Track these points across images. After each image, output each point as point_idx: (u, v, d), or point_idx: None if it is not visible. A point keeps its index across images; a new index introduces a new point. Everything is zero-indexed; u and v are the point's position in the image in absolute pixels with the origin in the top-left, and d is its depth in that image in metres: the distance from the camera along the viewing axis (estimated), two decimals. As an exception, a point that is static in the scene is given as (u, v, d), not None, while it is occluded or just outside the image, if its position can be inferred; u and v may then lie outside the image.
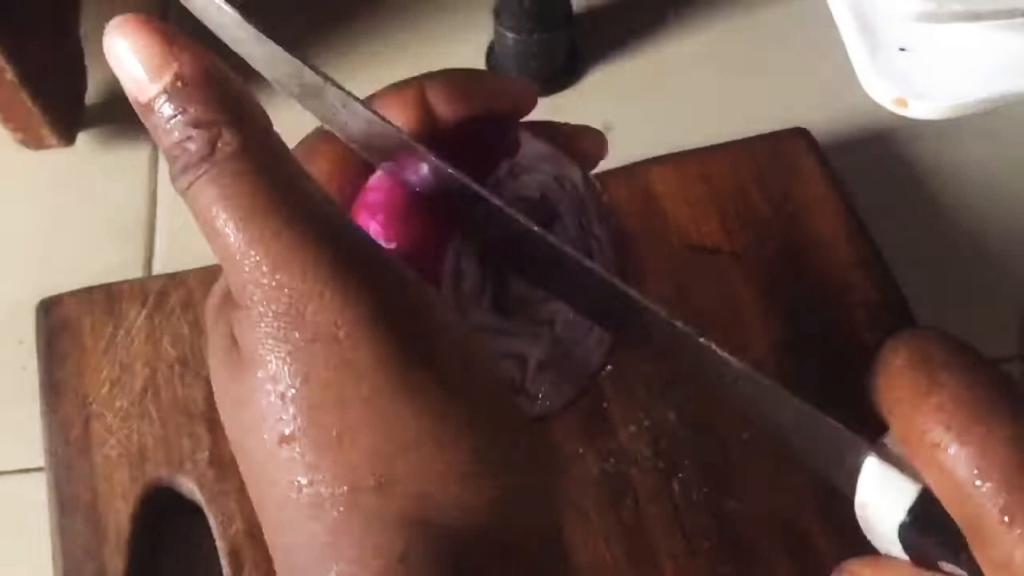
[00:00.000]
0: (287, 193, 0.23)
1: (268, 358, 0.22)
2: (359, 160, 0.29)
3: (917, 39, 0.52)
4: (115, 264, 0.50)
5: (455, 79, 0.29)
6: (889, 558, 0.27)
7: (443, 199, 0.28)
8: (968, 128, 0.52)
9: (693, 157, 0.48)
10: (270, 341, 0.22)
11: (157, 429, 0.42)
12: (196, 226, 0.56)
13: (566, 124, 0.32)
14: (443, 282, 0.28)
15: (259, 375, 0.23)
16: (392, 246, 0.27)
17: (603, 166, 0.49)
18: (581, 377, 0.31)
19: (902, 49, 0.52)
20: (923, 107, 0.51)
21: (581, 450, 0.41)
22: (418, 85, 0.30)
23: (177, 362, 0.43)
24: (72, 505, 0.41)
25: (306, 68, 0.26)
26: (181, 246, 0.50)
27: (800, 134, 0.49)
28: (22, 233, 0.52)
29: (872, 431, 0.28)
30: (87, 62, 0.53)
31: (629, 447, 0.41)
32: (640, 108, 0.54)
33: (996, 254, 0.49)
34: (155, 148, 0.54)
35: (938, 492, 0.24)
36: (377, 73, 0.56)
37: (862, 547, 0.38)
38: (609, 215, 0.32)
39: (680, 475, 0.40)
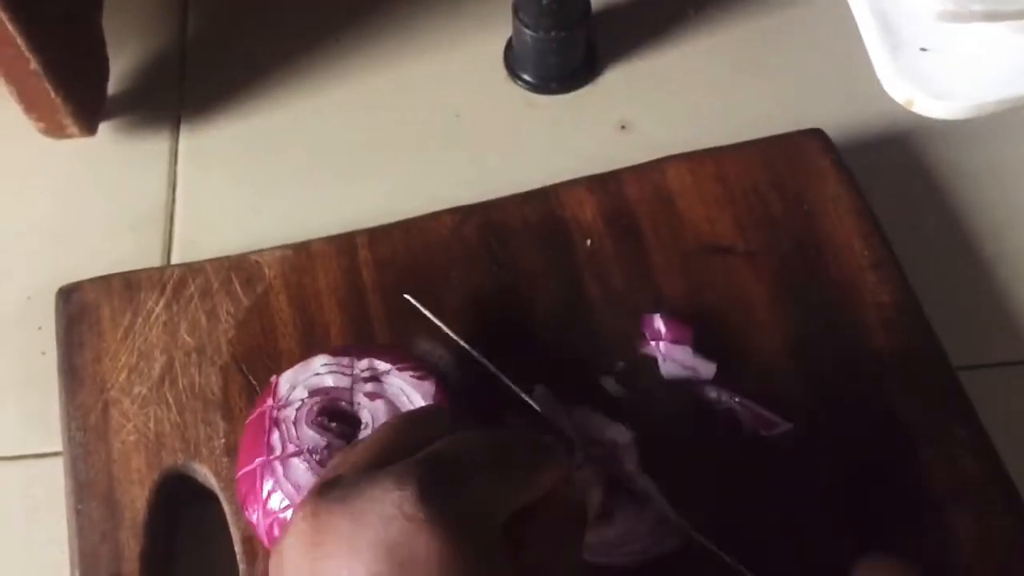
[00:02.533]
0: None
1: None
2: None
3: (938, 39, 0.52)
4: (134, 252, 0.50)
5: None
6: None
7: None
8: (986, 130, 0.52)
9: (709, 156, 0.49)
10: None
11: (174, 416, 0.42)
12: (214, 216, 0.57)
13: None
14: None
15: None
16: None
17: (619, 164, 0.49)
18: None
19: (923, 49, 0.52)
20: (942, 107, 0.51)
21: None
22: None
23: (194, 350, 0.44)
24: (89, 490, 0.41)
25: None
26: (200, 235, 0.51)
27: (816, 134, 0.49)
28: (43, 221, 0.52)
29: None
30: (108, 53, 0.53)
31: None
32: (656, 107, 0.54)
33: (1010, 258, 0.49)
34: (175, 138, 0.55)
35: None
36: (399, 66, 0.56)
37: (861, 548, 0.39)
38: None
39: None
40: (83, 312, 0.45)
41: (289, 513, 0.36)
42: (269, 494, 0.37)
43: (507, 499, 0.29)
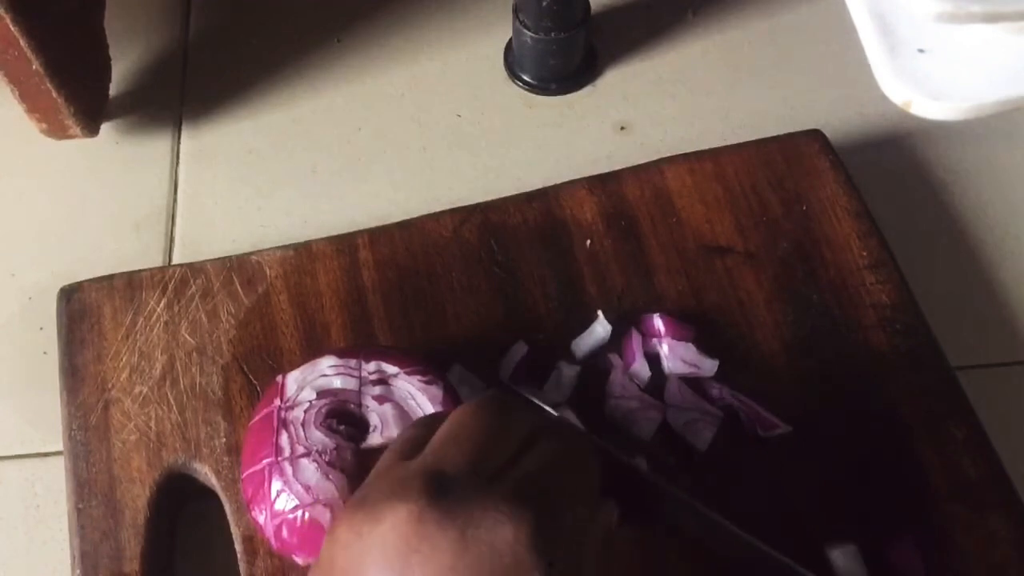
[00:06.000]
0: None
1: None
2: None
3: (936, 40, 0.52)
4: (136, 252, 0.51)
5: None
6: None
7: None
8: (984, 131, 0.52)
9: (708, 157, 0.49)
10: None
11: (175, 415, 0.43)
12: (215, 217, 0.57)
13: None
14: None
15: None
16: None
17: (619, 164, 0.49)
18: None
19: (920, 50, 0.52)
20: (940, 108, 0.51)
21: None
22: None
23: (195, 350, 0.44)
24: (90, 489, 0.41)
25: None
26: (201, 235, 0.51)
27: (815, 135, 0.49)
28: (45, 221, 0.52)
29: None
30: (111, 54, 0.53)
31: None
32: (656, 108, 0.55)
33: (1008, 259, 0.49)
34: (177, 139, 0.55)
35: None
36: (401, 65, 0.57)
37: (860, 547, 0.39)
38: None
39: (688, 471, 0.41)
40: (84, 312, 0.46)
41: (299, 514, 0.36)
42: (278, 494, 0.36)
43: (596, 529, 0.31)
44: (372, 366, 0.39)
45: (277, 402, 0.38)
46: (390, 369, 0.39)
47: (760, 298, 0.45)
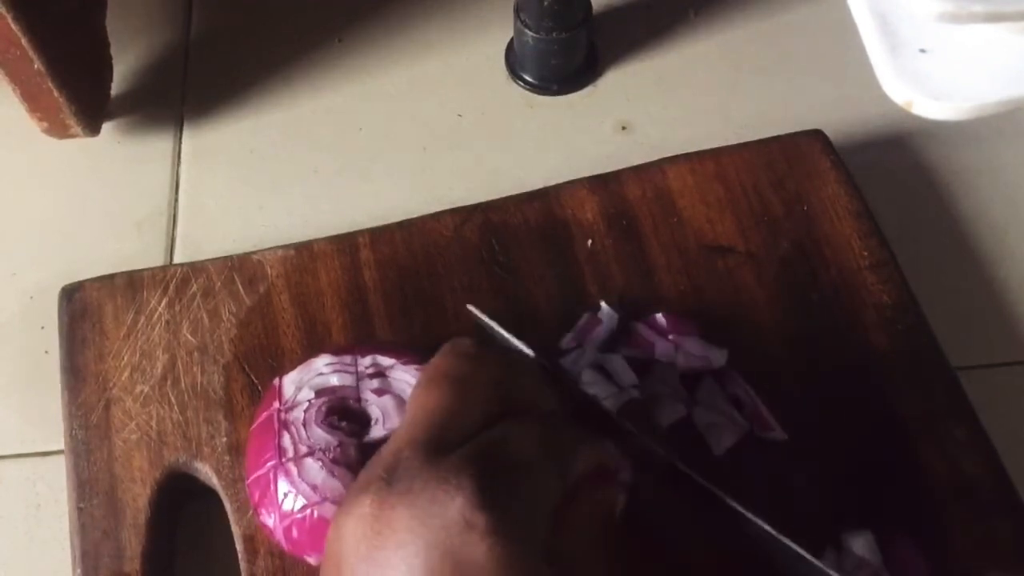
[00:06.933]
0: None
1: None
2: None
3: (937, 40, 0.52)
4: (137, 252, 0.51)
5: None
6: None
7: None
8: (985, 131, 0.52)
9: (709, 157, 0.49)
10: None
11: (176, 415, 0.43)
12: (217, 216, 0.57)
13: None
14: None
15: None
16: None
17: (620, 164, 0.49)
18: None
19: (922, 50, 0.52)
20: (942, 108, 0.51)
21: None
22: None
23: (196, 349, 0.44)
24: (91, 488, 0.41)
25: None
26: (202, 235, 0.51)
27: (816, 135, 0.49)
28: (46, 220, 0.52)
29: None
30: (112, 53, 0.54)
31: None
32: (657, 108, 0.55)
33: (1010, 258, 0.49)
34: (178, 138, 0.55)
35: None
36: (401, 66, 0.57)
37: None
38: None
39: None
40: (86, 311, 0.46)
41: (307, 513, 0.36)
42: (285, 496, 0.37)
43: (556, 491, 0.30)
44: (368, 360, 0.39)
45: (276, 404, 0.38)
46: (386, 361, 0.39)
47: (761, 298, 0.45)
